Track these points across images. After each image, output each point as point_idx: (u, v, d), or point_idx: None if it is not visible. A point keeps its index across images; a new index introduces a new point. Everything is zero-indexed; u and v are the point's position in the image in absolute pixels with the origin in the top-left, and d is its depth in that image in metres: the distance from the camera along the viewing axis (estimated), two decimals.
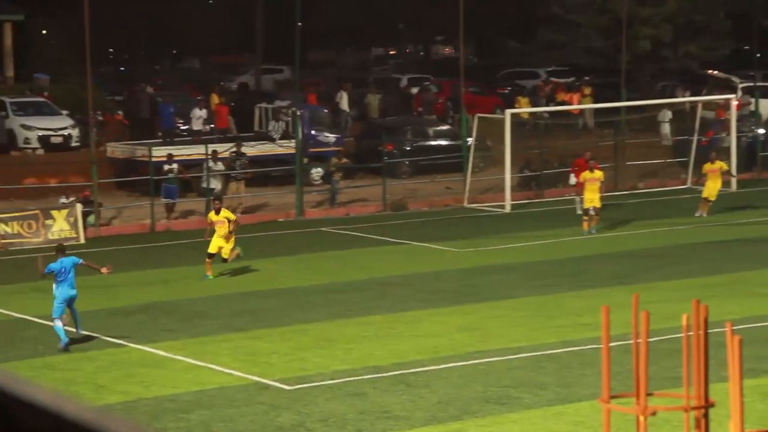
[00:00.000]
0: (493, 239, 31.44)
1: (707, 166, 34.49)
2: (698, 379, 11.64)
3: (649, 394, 12.42)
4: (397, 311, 23.53)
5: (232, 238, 26.72)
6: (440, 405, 17.49)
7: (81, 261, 21.31)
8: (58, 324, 20.69)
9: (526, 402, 17.61)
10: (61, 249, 21.79)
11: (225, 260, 26.64)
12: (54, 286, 21.07)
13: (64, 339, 20.54)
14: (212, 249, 26.61)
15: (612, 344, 12.14)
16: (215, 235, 26.66)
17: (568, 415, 17.03)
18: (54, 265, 20.97)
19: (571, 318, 22.74)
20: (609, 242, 30.54)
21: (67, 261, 21.00)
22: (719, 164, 34.25)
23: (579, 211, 34.11)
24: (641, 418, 11.64)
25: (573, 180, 34.43)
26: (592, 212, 31.34)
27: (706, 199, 33.71)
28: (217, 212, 26.85)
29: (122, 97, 48.86)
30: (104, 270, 21.65)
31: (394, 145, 40.59)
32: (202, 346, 21.11)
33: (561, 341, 21.05)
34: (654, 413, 15.57)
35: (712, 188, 33.78)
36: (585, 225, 31.37)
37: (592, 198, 31.31)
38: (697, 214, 33.63)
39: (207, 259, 26.62)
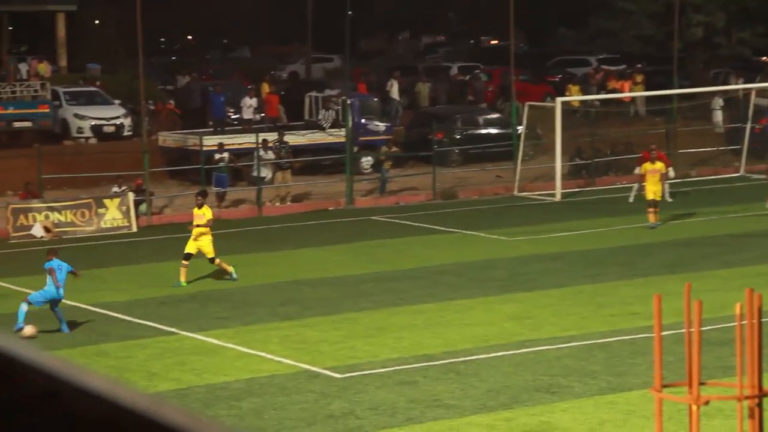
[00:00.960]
0: (544, 228, 31.29)
1: None
2: (752, 368, 11.52)
3: (701, 384, 12.32)
4: (447, 300, 23.50)
5: (209, 238, 25.24)
6: (490, 393, 17.45)
7: (72, 269, 21.80)
8: (24, 308, 21.07)
9: (576, 391, 17.52)
10: (53, 251, 22.20)
11: (212, 260, 25.22)
12: (48, 280, 21.33)
13: (20, 324, 20.77)
14: (190, 248, 25.08)
15: (664, 333, 12.07)
16: (192, 238, 25.33)
17: (619, 404, 16.93)
18: (53, 263, 21.42)
19: (622, 307, 22.59)
20: (661, 231, 30.29)
21: (64, 266, 21.55)
22: None
23: (630, 200, 33.83)
24: (694, 408, 11.55)
25: (638, 170, 34.04)
26: (653, 206, 30.21)
27: None
28: (199, 207, 25.66)
29: (173, 87, 49.12)
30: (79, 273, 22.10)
31: (444, 134, 40.50)
32: (253, 334, 21.19)
33: (612, 330, 20.93)
34: (707, 402, 15.45)
35: None
36: (650, 217, 30.25)
37: (654, 190, 30.34)
38: None
39: (183, 261, 24.89)
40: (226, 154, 35.84)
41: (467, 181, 38.49)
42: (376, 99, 43.04)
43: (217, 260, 25.34)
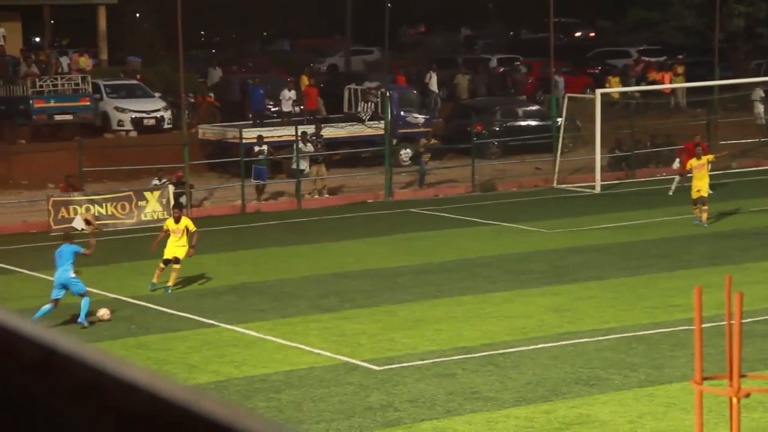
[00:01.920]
0: (583, 220, 31.17)
1: None
2: None
3: (742, 376, 12.25)
4: (486, 292, 23.47)
5: (184, 251, 24.23)
6: (529, 386, 17.42)
7: (82, 250, 21.75)
8: (46, 307, 21.23)
9: (616, 383, 17.46)
10: (67, 237, 22.36)
11: (176, 261, 24.10)
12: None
13: (36, 316, 20.71)
14: (168, 255, 24.11)
15: (704, 326, 12.00)
16: (170, 244, 24.12)
17: (659, 396, 16.85)
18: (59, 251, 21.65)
19: (662, 299, 22.48)
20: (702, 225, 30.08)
21: (65, 249, 21.54)
22: None
23: (670, 192, 33.62)
24: (734, 400, 11.48)
25: (677, 164, 33.72)
26: (699, 203, 29.26)
27: None
28: (177, 221, 24.33)
29: (204, 80, 49.23)
30: (88, 252, 21.98)
31: (483, 126, 40.43)
32: (291, 326, 21.25)
33: (652, 322, 20.84)
34: (747, 395, 15.36)
35: None
36: (696, 212, 29.44)
37: (699, 186, 29.18)
38: None
39: (161, 265, 23.99)
40: (265, 147, 35.95)
41: (506, 173, 38.41)
42: (415, 91, 43.02)
43: (177, 266, 24.15)
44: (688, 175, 30.25)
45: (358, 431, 15.81)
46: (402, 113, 40.21)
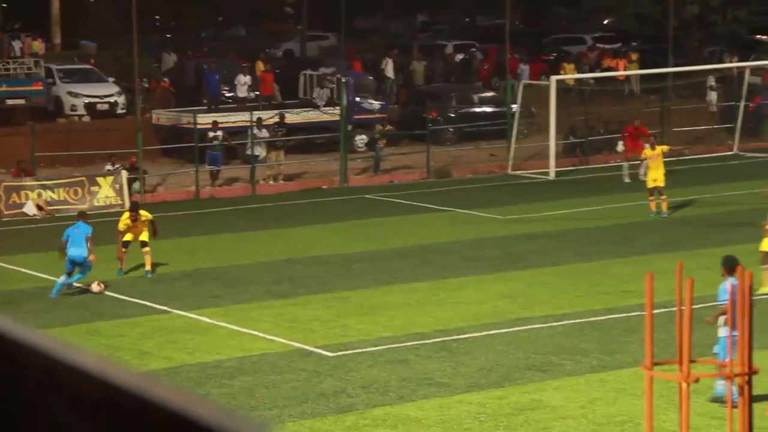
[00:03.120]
0: (538, 206, 31.26)
1: None
2: (742, 346, 11.51)
3: (692, 362, 12.32)
4: (440, 278, 23.48)
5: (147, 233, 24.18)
6: (482, 372, 17.45)
7: (89, 235, 22.38)
8: (60, 279, 22.23)
9: (568, 369, 17.52)
10: (82, 215, 23.39)
11: (144, 245, 23.97)
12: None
13: (53, 294, 22.14)
14: (129, 238, 24.09)
15: (656, 311, 12.05)
16: (135, 234, 24.05)
17: (610, 382, 16.93)
18: (68, 229, 22.59)
19: (615, 285, 22.59)
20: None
21: (81, 227, 22.40)
22: None
23: (627, 179, 33.75)
24: (684, 385, 11.53)
25: (621, 147, 33.90)
26: (656, 192, 29.27)
27: None
28: (134, 220, 24.15)
29: (158, 65, 48.90)
30: (92, 257, 22.39)
31: (439, 112, 40.42)
32: (245, 312, 21.17)
33: (605, 308, 20.93)
34: (697, 380, 15.45)
35: None
36: (652, 204, 29.46)
37: (655, 176, 29.28)
38: None
39: (123, 249, 24.01)
40: (220, 133, 35.75)
41: (461, 159, 38.43)
42: (370, 77, 42.94)
43: (148, 249, 24.07)
44: (635, 161, 30.41)
45: (311, 417, 15.77)
46: (357, 99, 40.12)
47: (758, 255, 24.54)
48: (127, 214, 24.66)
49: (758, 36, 53.30)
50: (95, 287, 22.53)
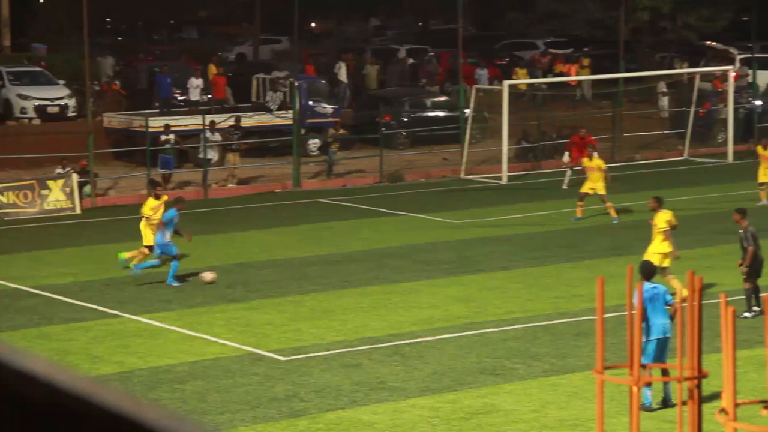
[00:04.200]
0: (490, 210, 31.37)
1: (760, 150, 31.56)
2: (692, 350, 11.61)
3: (643, 366, 12.40)
4: (393, 282, 23.51)
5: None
6: (435, 376, 17.49)
7: (176, 218, 23.41)
8: (152, 261, 23.49)
9: (520, 373, 17.60)
10: (180, 201, 24.27)
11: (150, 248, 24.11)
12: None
13: (139, 266, 23.32)
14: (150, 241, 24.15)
15: (607, 315, 12.12)
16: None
17: (562, 386, 17.03)
18: (166, 216, 23.47)
19: (567, 289, 22.72)
20: (606, 214, 30.46)
21: (171, 212, 23.49)
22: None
23: (564, 186, 33.82)
24: (634, 389, 11.62)
25: (566, 157, 34.04)
26: (601, 201, 29.21)
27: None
28: (157, 197, 24.53)
29: (119, 67, 48.68)
30: (188, 237, 23.66)
31: (392, 116, 40.48)
32: (197, 316, 21.09)
33: (557, 312, 21.05)
34: (647, 384, 15.56)
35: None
36: (579, 210, 29.45)
37: (593, 186, 29.25)
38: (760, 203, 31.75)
39: (145, 250, 24.15)
40: (172, 136, 35.60)
41: (414, 163, 38.50)
42: (324, 81, 42.92)
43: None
44: (576, 167, 30.56)
45: (263, 422, 15.74)
46: (310, 103, 40.09)
47: (709, 261, 24.80)
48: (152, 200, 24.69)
49: (708, 42, 53.79)
50: (208, 276, 23.11)
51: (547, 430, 15.40)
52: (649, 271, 16.45)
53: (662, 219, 22.18)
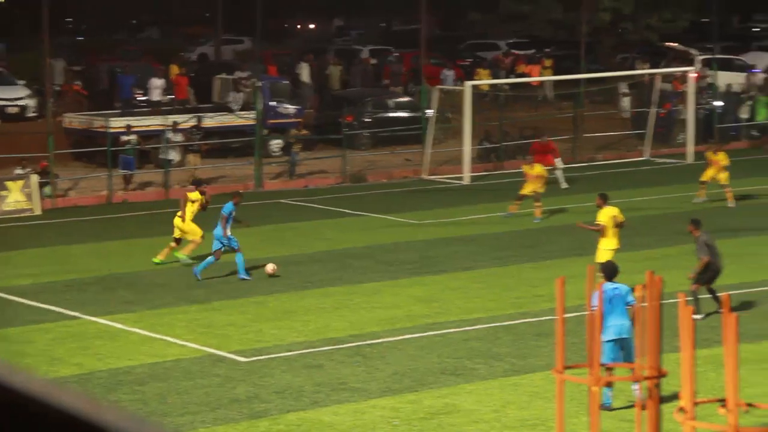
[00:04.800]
0: (453, 211, 31.41)
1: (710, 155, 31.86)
2: (651, 350, 11.67)
3: (602, 365, 12.45)
4: (355, 283, 23.49)
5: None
6: (396, 376, 17.48)
7: (233, 213, 23.72)
8: (209, 259, 23.57)
9: (481, 373, 17.63)
10: (238, 194, 24.85)
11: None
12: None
13: (199, 268, 23.44)
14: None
15: (568, 315, 12.17)
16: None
17: (522, 385, 17.06)
18: (225, 210, 23.84)
19: (528, 289, 22.77)
20: (567, 214, 30.59)
21: (228, 206, 23.81)
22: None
23: (564, 185, 33.96)
24: (594, 389, 11.66)
25: (559, 163, 34.25)
26: (534, 200, 29.64)
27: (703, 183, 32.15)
28: (203, 194, 25.63)
29: (80, 68, 48.41)
30: (246, 222, 24.33)
31: (354, 117, 40.45)
32: (158, 318, 20.99)
33: (518, 312, 21.10)
34: (607, 384, 15.63)
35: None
36: (513, 207, 29.84)
37: (532, 188, 29.71)
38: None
39: (173, 244, 25.08)
40: (133, 136, 35.42)
41: (377, 164, 38.49)
42: (286, 82, 42.85)
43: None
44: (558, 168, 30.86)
45: (224, 423, 15.68)
46: (273, 104, 40.01)
47: (669, 260, 24.94)
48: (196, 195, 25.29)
49: (669, 43, 54.12)
50: (269, 268, 23.52)
51: (507, 430, 15.43)
52: (611, 272, 16.51)
53: (605, 214, 22.34)
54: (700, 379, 12.98)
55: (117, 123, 36.17)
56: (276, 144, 39.21)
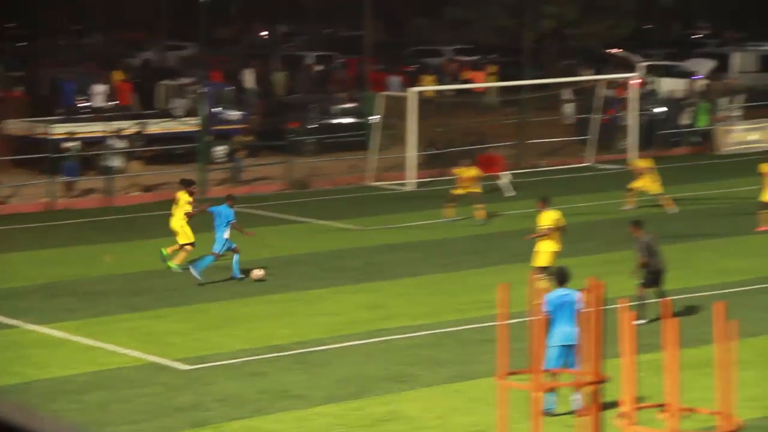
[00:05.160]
0: (397, 217, 31.41)
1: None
2: (593, 356, 11.70)
3: (545, 371, 12.49)
4: (299, 290, 23.42)
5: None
6: (339, 383, 17.43)
7: (233, 220, 23.94)
8: (208, 258, 23.76)
9: (425, 379, 17.62)
10: (231, 198, 24.58)
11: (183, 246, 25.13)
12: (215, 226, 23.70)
13: (198, 266, 23.50)
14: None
15: (511, 321, 12.18)
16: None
17: (466, 392, 17.07)
18: (213, 208, 24.05)
19: (472, 295, 22.81)
20: (511, 220, 30.71)
21: (224, 211, 23.93)
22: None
23: (511, 193, 34.05)
24: (537, 395, 11.68)
25: (505, 178, 34.49)
26: (476, 199, 30.09)
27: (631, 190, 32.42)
28: (192, 194, 25.66)
29: (21, 73, 47.90)
30: (250, 232, 24.46)
31: (299, 123, 40.36)
32: (100, 326, 20.80)
33: (462, 318, 21.12)
34: (549, 389, 15.67)
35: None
36: (448, 211, 30.15)
37: (467, 188, 30.25)
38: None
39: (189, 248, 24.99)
40: (76, 143, 35.10)
41: (321, 170, 38.42)
42: (230, 88, 42.69)
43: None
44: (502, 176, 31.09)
45: None
46: (217, 110, 39.83)
47: (612, 266, 25.09)
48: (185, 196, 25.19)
49: (611, 50, 54.56)
50: (257, 273, 23.74)
51: None
52: (562, 277, 16.52)
53: (547, 218, 22.45)
54: (642, 384, 13.04)
55: (59, 129, 35.83)
56: (220, 150, 39.04)
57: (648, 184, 31.83)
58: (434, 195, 35.34)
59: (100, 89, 41.12)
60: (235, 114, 40.47)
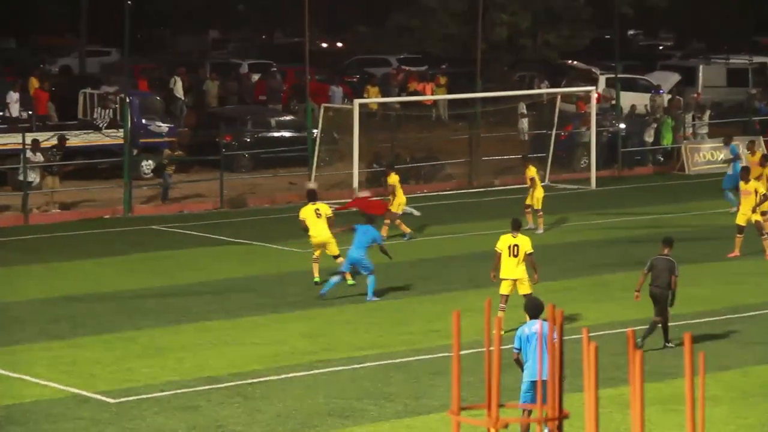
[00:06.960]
0: (341, 238, 31.43)
1: None
2: (552, 390, 11.84)
3: (501, 406, 12.58)
4: (235, 317, 23.43)
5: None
6: (279, 418, 17.47)
7: (382, 242, 25.19)
8: (334, 278, 24.57)
9: (372, 414, 17.70)
10: (370, 220, 25.30)
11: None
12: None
13: (325, 289, 24.52)
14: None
15: (464, 352, 12.28)
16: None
17: (416, 428, 17.17)
18: (358, 226, 24.83)
19: (421, 324, 22.93)
20: (461, 243, 30.88)
21: (369, 230, 24.75)
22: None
23: (417, 213, 34.29)
24: (492, 431, 11.80)
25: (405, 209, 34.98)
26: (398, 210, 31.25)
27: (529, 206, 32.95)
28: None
29: None
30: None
31: (233, 137, 40.37)
32: (16, 355, 20.69)
33: (411, 349, 21.22)
34: (506, 426, 15.79)
35: None
36: (403, 227, 31.14)
37: (399, 203, 31.65)
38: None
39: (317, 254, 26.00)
40: None
41: (258, 188, 38.45)
42: (158, 97, 42.62)
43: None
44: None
45: None
46: (144, 121, 39.75)
47: (570, 293, 25.32)
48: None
49: (569, 61, 55.08)
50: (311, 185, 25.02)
51: None
52: (534, 309, 16.62)
53: (527, 243, 22.58)
54: (604, 420, 13.23)
55: None
56: (147, 165, 38.94)
57: (532, 193, 32.41)
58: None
59: (14, 97, 40.88)
60: (163, 126, 40.41)
